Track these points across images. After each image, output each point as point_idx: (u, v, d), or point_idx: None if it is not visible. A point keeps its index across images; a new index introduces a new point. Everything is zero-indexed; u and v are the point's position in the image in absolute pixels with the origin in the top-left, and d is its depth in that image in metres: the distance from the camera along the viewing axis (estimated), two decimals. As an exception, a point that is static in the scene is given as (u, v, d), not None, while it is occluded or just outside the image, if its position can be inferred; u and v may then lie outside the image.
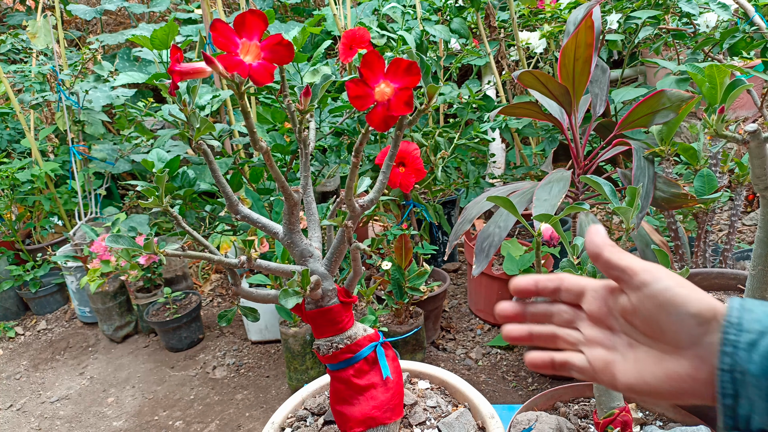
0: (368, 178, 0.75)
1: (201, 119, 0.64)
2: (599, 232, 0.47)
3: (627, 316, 0.45)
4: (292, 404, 0.97)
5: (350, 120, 1.79)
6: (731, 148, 1.40)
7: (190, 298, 2.15)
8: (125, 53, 3.02)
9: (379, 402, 0.79)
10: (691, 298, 0.41)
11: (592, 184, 0.76)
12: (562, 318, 0.51)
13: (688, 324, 0.41)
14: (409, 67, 0.57)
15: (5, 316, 2.42)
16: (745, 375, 0.37)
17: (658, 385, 0.42)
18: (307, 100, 0.67)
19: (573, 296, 0.50)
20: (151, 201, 0.66)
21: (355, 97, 0.58)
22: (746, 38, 1.61)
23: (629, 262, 0.44)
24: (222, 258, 0.69)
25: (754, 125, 0.76)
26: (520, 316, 0.52)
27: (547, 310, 0.51)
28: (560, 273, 0.51)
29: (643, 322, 0.43)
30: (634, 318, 0.44)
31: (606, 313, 0.47)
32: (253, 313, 0.83)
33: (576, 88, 1.28)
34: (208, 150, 0.68)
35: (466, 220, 1.36)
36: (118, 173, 2.34)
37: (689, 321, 0.41)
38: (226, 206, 0.72)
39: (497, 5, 2.51)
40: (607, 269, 0.46)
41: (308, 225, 0.81)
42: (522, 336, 0.52)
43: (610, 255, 0.45)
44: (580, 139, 1.38)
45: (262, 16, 0.54)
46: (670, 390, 0.42)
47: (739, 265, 1.64)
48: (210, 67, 0.55)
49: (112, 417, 1.75)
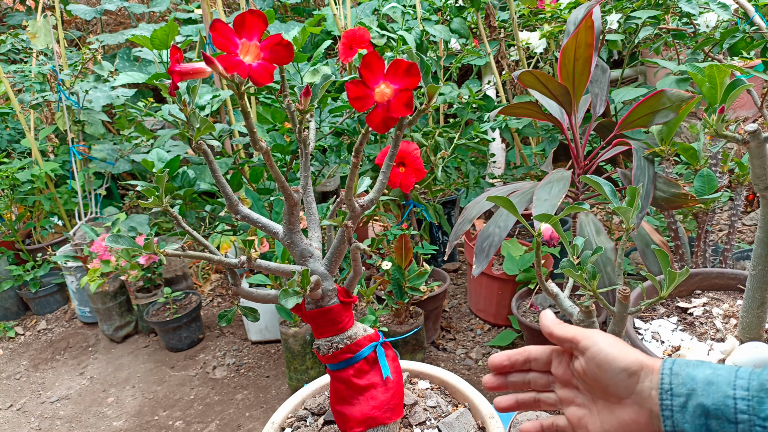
0: (368, 178, 0.75)
1: (201, 119, 0.64)
2: (548, 316, 0.58)
3: (582, 376, 0.53)
4: (292, 404, 0.97)
5: (350, 120, 1.79)
6: (731, 148, 1.40)
7: (190, 298, 2.15)
8: (125, 53, 3.02)
9: (379, 402, 0.79)
10: (620, 355, 0.49)
11: (592, 184, 0.76)
12: (539, 383, 0.59)
13: (621, 377, 0.49)
14: (408, 68, 0.57)
15: (5, 316, 2.42)
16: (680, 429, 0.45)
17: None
18: (307, 100, 0.66)
19: (541, 365, 0.59)
20: (151, 201, 0.66)
21: (355, 98, 0.58)
22: (746, 38, 1.61)
23: (574, 333, 0.54)
24: (222, 258, 0.69)
25: (754, 125, 0.76)
26: (503, 386, 0.61)
27: (524, 379, 0.60)
28: (527, 346, 0.60)
29: (592, 380, 0.52)
30: (586, 377, 0.53)
31: (570, 375, 0.56)
32: (253, 313, 0.83)
33: (576, 88, 1.28)
34: (208, 150, 0.68)
35: (466, 220, 1.36)
36: (118, 173, 2.34)
37: (621, 375, 0.49)
38: (227, 206, 0.72)
39: (497, 5, 2.51)
40: (560, 343, 0.56)
41: (308, 225, 0.81)
42: (511, 405, 0.61)
43: (559, 331, 0.55)
44: (580, 139, 1.38)
45: (261, 16, 0.54)
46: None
47: (739, 265, 1.64)
48: (210, 67, 0.55)
49: (112, 417, 1.75)
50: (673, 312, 1.19)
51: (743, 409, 0.40)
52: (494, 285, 1.89)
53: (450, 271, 2.40)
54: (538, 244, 0.74)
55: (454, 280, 2.34)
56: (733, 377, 0.42)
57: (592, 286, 0.75)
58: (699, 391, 0.43)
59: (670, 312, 1.19)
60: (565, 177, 1.20)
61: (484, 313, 2.00)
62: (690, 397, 0.43)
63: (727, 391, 0.41)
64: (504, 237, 1.23)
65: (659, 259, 0.72)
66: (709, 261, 1.47)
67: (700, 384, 0.43)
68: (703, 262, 1.47)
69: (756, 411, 0.39)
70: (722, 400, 0.42)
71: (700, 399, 0.43)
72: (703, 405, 0.42)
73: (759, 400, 0.39)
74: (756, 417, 0.39)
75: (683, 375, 0.45)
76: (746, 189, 1.44)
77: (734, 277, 1.23)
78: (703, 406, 0.42)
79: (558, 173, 1.24)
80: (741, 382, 0.42)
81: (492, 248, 1.23)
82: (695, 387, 0.43)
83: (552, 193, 1.15)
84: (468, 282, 2.13)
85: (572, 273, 0.74)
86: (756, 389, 0.40)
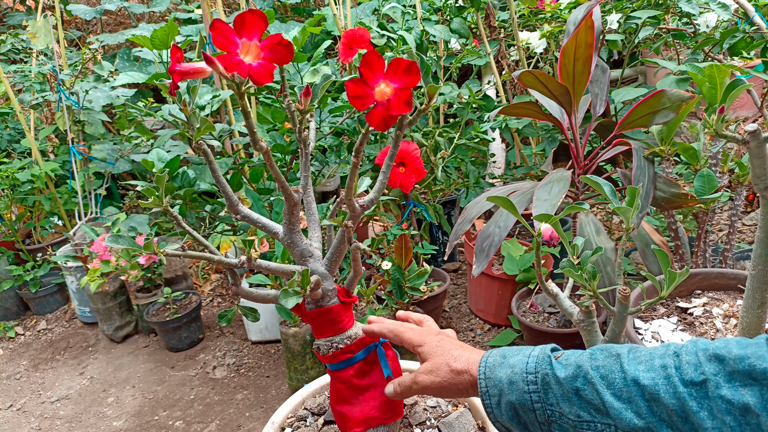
0: (368, 178, 0.75)
1: (201, 119, 0.64)
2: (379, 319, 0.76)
3: None
4: (292, 404, 0.97)
5: (350, 120, 1.79)
6: (731, 148, 1.40)
7: (190, 298, 2.15)
8: (125, 53, 3.02)
9: (380, 402, 0.79)
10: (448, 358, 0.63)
11: (592, 184, 0.76)
12: None
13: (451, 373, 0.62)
14: (408, 67, 0.57)
15: (5, 316, 2.42)
16: (501, 421, 0.56)
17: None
18: (308, 100, 0.66)
19: None
20: (151, 201, 0.66)
21: (355, 97, 0.58)
22: (746, 38, 1.61)
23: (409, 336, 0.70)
24: (222, 258, 0.69)
25: (754, 125, 0.76)
26: None
27: None
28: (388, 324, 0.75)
29: None
30: None
31: None
32: (253, 313, 0.83)
33: (576, 88, 1.28)
34: (208, 150, 0.67)
35: (466, 220, 1.36)
36: (118, 173, 2.34)
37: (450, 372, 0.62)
38: (227, 206, 0.72)
39: (497, 5, 2.51)
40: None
41: (308, 225, 0.80)
42: None
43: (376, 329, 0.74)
44: (580, 139, 1.38)
45: (261, 15, 0.54)
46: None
47: (739, 265, 1.64)
48: (210, 67, 0.55)
49: (112, 417, 1.75)
50: (673, 312, 1.19)
51: (536, 399, 0.52)
52: (494, 285, 1.89)
53: (450, 271, 2.40)
54: (538, 244, 0.74)
55: (454, 280, 2.34)
56: (525, 374, 0.53)
57: (592, 286, 0.75)
58: (506, 390, 0.54)
59: (670, 312, 1.20)
60: (565, 177, 1.20)
61: (484, 313, 2.00)
62: (501, 396, 0.54)
63: (523, 387, 0.53)
64: (504, 237, 1.23)
65: (659, 259, 0.72)
66: (709, 261, 1.47)
67: (505, 384, 0.54)
68: (703, 262, 1.47)
69: (544, 399, 0.51)
70: (522, 395, 0.53)
71: (508, 397, 0.54)
72: (510, 401, 0.53)
73: (545, 392, 0.51)
74: (545, 404, 0.51)
75: (493, 378, 0.56)
76: (746, 189, 1.44)
77: (734, 277, 1.23)
78: (511, 402, 0.53)
79: (558, 173, 1.24)
80: (531, 377, 0.53)
81: (492, 248, 1.23)
82: (503, 388, 0.54)
83: (552, 193, 1.15)
84: (468, 282, 2.13)
85: (572, 273, 0.74)
86: (541, 383, 0.52)
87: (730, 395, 0.42)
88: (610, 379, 0.48)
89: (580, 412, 0.49)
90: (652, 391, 0.45)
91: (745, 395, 0.41)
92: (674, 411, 0.44)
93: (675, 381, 0.45)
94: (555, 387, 0.51)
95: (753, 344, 0.43)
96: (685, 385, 0.44)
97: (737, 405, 0.41)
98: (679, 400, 0.44)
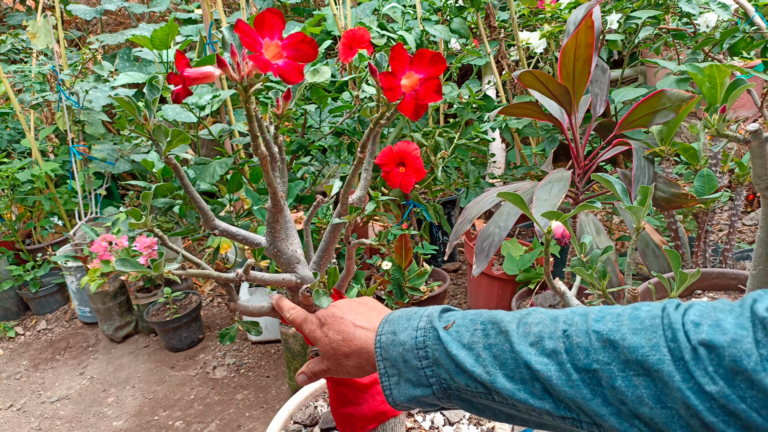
0: (338, 180, 0.76)
1: (173, 131, 0.62)
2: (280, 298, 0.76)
3: None
4: (280, 420, 0.96)
5: (350, 120, 1.79)
6: (731, 148, 1.40)
7: (190, 298, 2.15)
8: (125, 53, 3.01)
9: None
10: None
11: (603, 182, 0.76)
12: None
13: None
14: (433, 57, 0.59)
15: (5, 316, 2.42)
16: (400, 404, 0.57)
17: None
18: (287, 104, 0.66)
19: None
20: (141, 222, 0.66)
21: (388, 89, 0.60)
22: (746, 38, 1.61)
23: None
24: (220, 275, 0.68)
25: (756, 125, 0.76)
26: None
27: None
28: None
29: None
30: None
31: None
32: (255, 327, 0.82)
33: (576, 88, 1.28)
34: (178, 165, 0.65)
35: (466, 220, 1.36)
36: (118, 173, 2.34)
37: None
38: (202, 221, 0.71)
39: (497, 5, 2.51)
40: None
41: (286, 231, 0.80)
42: None
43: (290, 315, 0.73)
44: (580, 139, 1.38)
45: (279, 14, 0.53)
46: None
47: (739, 265, 1.64)
48: (221, 69, 0.54)
49: (112, 417, 1.75)
50: (673, 312, 1.19)
51: (430, 374, 0.53)
52: (494, 285, 1.89)
53: (450, 271, 2.40)
54: (547, 242, 0.74)
55: (454, 280, 2.34)
56: (417, 351, 0.55)
57: (602, 285, 0.76)
58: (402, 370, 0.56)
59: (670, 312, 1.19)
60: (565, 177, 1.19)
61: (484, 313, 1.99)
62: (399, 376, 0.56)
63: (417, 364, 0.54)
64: (504, 237, 1.23)
65: (670, 260, 0.72)
66: (709, 261, 1.47)
67: (401, 364, 0.56)
68: (703, 262, 1.47)
69: (438, 374, 0.53)
70: (417, 372, 0.54)
71: (405, 376, 0.55)
72: (408, 379, 0.55)
73: (436, 367, 0.53)
74: (440, 378, 0.53)
75: (390, 359, 0.57)
76: (746, 189, 1.44)
77: (734, 277, 1.23)
78: (408, 380, 0.55)
79: (558, 173, 1.24)
80: (422, 353, 0.54)
81: (492, 248, 1.23)
82: (400, 368, 0.56)
83: (552, 193, 1.15)
84: (468, 282, 2.13)
85: (583, 272, 0.74)
86: (432, 360, 0.53)
87: (624, 386, 0.42)
88: (502, 360, 0.49)
89: (477, 388, 0.50)
90: (545, 377, 0.46)
91: (639, 387, 0.42)
92: (568, 397, 0.45)
93: (568, 367, 0.45)
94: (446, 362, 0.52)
95: (648, 329, 0.43)
96: (578, 371, 0.45)
97: (631, 397, 0.42)
98: (573, 388, 0.44)
